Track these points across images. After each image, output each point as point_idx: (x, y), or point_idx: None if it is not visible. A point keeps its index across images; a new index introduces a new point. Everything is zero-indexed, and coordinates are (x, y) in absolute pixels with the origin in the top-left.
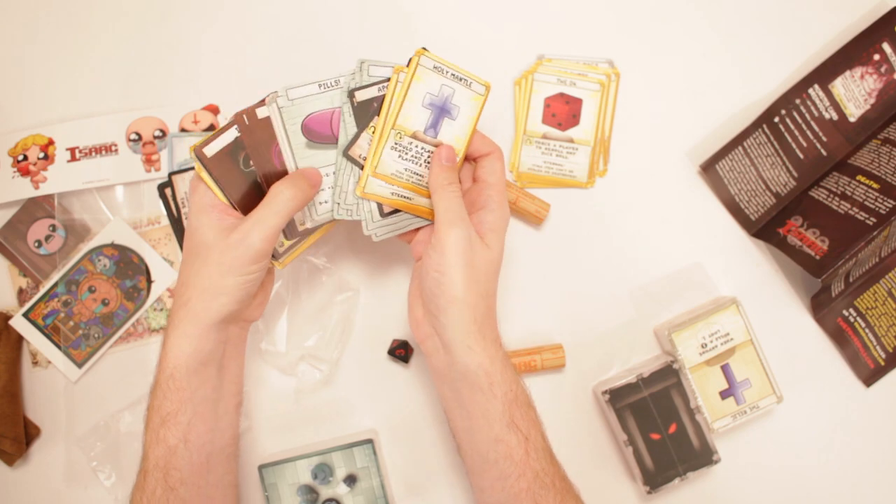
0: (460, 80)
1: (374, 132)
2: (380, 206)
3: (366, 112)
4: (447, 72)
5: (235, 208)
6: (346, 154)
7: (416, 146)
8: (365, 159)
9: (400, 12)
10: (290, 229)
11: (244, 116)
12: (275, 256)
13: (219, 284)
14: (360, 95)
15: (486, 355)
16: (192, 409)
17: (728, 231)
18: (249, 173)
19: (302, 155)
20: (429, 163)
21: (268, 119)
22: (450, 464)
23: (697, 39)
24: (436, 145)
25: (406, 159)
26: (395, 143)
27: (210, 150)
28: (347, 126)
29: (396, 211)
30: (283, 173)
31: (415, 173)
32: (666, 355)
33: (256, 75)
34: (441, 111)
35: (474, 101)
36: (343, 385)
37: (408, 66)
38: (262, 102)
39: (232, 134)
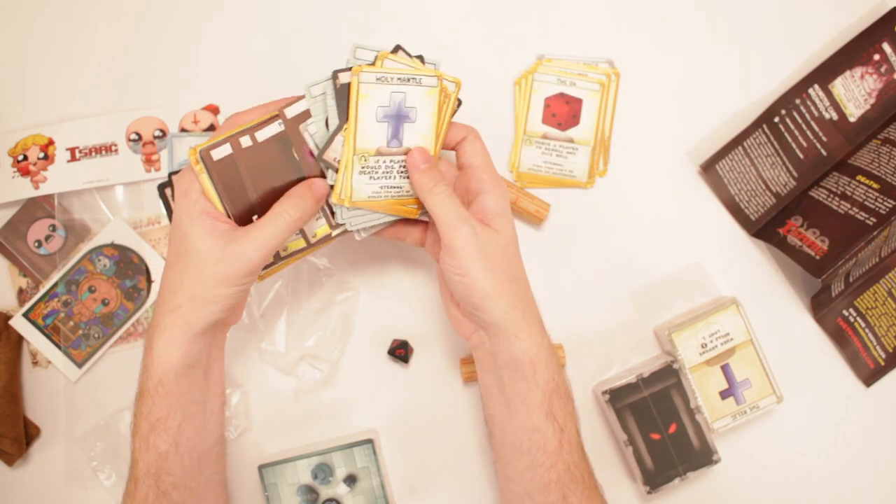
0: (407, 80)
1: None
2: None
3: (344, 97)
4: (391, 79)
5: (230, 216)
6: (320, 159)
7: (385, 161)
8: (339, 162)
9: (399, 13)
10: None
11: (283, 113)
12: None
13: (212, 294)
14: (343, 78)
15: (531, 342)
16: (182, 412)
17: (728, 231)
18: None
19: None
20: (404, 172)
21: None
22: (450, 464)
23: (697, 39)
24: (405, 153)
25: (377, 178)
26: (363, 168)
27: (217, 154)
28: (330, 114)
29: None
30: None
31: (392, 187)
32: (666, 355)
33: (256, 75)
34: (398, 119)
35: (430, 96)
36: (343, 385)
37: (349, 88)
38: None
39: (247, 140)
